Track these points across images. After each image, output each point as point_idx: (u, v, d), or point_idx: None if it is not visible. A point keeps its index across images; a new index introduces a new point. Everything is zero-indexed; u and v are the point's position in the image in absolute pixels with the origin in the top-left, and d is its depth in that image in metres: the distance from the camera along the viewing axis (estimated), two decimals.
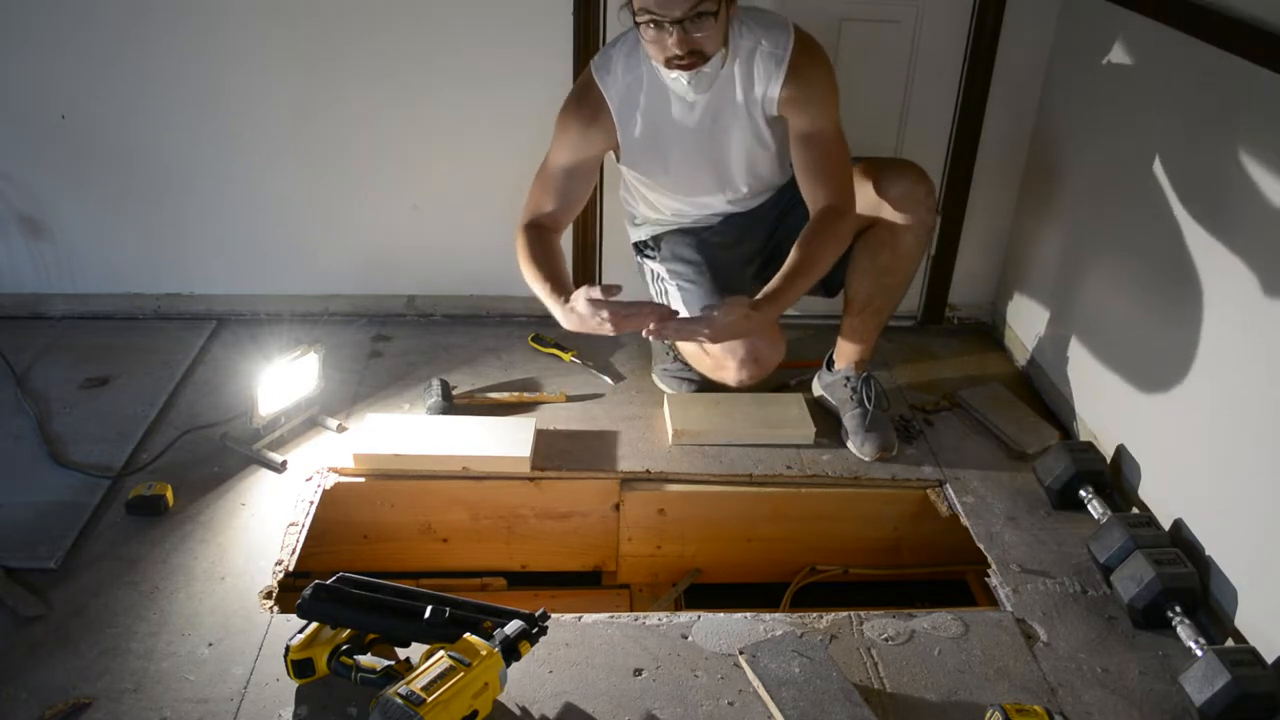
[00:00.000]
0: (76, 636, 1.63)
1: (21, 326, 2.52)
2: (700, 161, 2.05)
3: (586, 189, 2.06)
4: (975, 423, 2.27)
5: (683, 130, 1.99)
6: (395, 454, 2.04)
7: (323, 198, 2.52)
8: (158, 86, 2.36)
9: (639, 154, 2.03)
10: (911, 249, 2.06)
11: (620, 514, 2.10)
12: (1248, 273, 1.71)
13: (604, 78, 1.95)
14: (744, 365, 2.00)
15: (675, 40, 1.79)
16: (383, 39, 2.35)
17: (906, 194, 1.99)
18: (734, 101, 1.96)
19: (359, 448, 2.06)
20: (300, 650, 1.52)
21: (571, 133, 1.98)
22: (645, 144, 2.01)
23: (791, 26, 1.92)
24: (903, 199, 1.99)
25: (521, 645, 1.50)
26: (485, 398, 2.29)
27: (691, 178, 2.08)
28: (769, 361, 2.02)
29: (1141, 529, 1.81)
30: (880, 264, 2.06)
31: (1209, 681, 1.54)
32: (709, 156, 2.04)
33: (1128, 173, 2.08)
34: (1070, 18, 2.33)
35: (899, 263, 2.07)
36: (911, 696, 1.60)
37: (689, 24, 1.77)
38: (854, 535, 2.14)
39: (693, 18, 1.76)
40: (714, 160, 2.05)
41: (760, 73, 1.92)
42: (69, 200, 2.48)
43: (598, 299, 1.81)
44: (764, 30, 1.91)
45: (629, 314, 1.81)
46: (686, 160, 2.04)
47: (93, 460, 2.03)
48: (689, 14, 1.76)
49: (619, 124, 1.98)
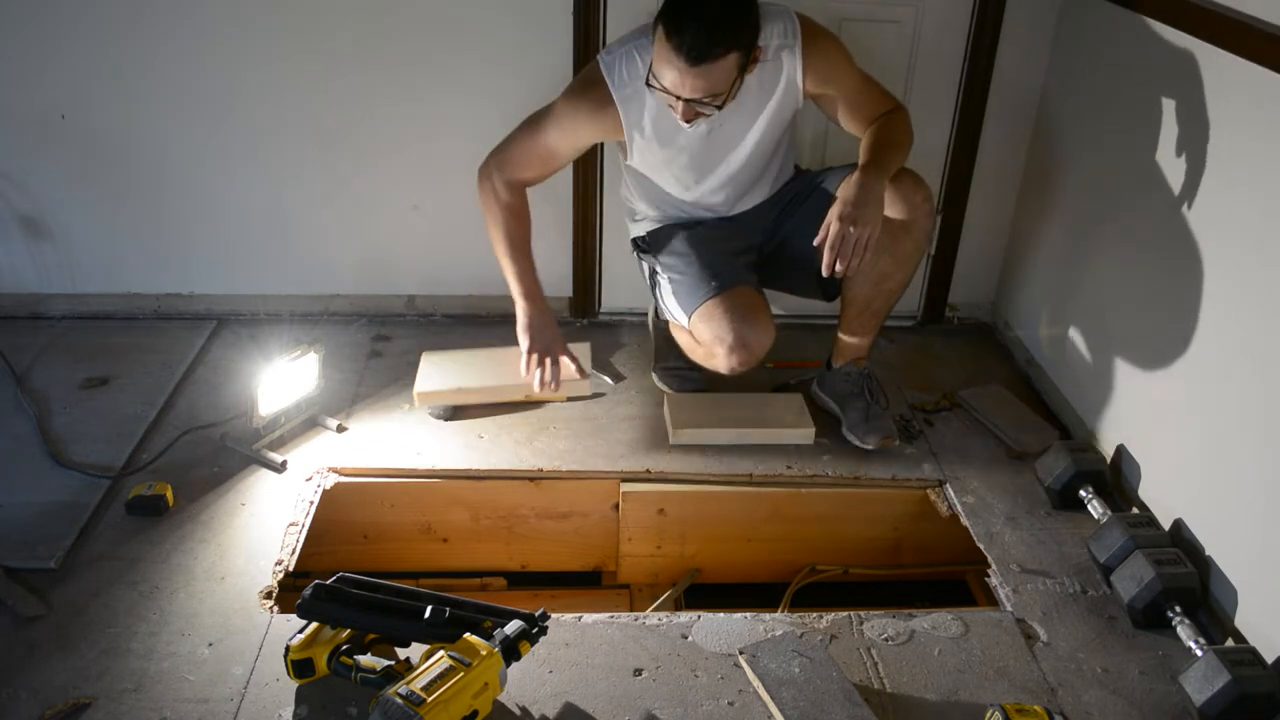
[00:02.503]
0: (76, 636, 1.63)
1: (21, 326, 2.52)
2: (705, 163, 2.05)
3: (571, 160, 2.11)
4: (975, 423, 2.27)
5: (690, 135, 1.99)
6: (458, 388, 2.08)
7: (323, 198, 2.52)
8: (158, 86, 2.36)
9: (645, 153, 2.04)
10: (910, 254, 2.06)
11: (620, 514, 2.10)
12: (1248, 273, 1.71)
13: (612, 77, 1.94)
14: (733, 351, 2.00)
15: (682, 111, 1.82)
16: (383, 38, 2.35)
17: (904, 200, 1.99)
18: (747, 105, 1.96)
19: (422, 386, 2.09)
20: (300, 650, 1.52)
21: (578, 120, 1.98)
22: (652, 144, 2.01)
23: (791, 11, 1.93)
24: (900, 205, 1.99)
25: (521, 645, 1.50)
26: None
27: (696, 177, 2.08)
28: (757, 346, 2.01)
29: (1141, 529, 1.81)
30: (879, 269, 2.06)
31: (1209, 681, 1.54)
32: (715, 158, 2.05)
33: (1128, 172, 2.08)
34: (1070, 17, 2.33)
35: (897, 267, 2.07)
36: (911, 696, 1.60)
37: (699, 104, 1.80)
38: (854, 535, 2.14)
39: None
40: (720, 161, 2.05)
41: (774, 68, 1.93)
42: (69, 200, 2.48)
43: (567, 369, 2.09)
44: (769, 25, 1.89)
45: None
46: (693, 163, 2.05)
47: (93, 460, 2.03)
48: (695, 100, 1.78)
49: (626, 123, 1.97)
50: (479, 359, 2.19)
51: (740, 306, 2.02)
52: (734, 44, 1.74)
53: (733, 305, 2.01)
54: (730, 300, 2.02)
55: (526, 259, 2.11)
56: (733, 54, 1.74)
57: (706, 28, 1.71)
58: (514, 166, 2.05)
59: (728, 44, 1.73)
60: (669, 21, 1.73)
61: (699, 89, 1.76)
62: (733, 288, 2.04)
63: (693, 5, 1.73)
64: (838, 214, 1.82)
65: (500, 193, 2.06)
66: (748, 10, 1.77)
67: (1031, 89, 2.45)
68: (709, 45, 1.71)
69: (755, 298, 2.07)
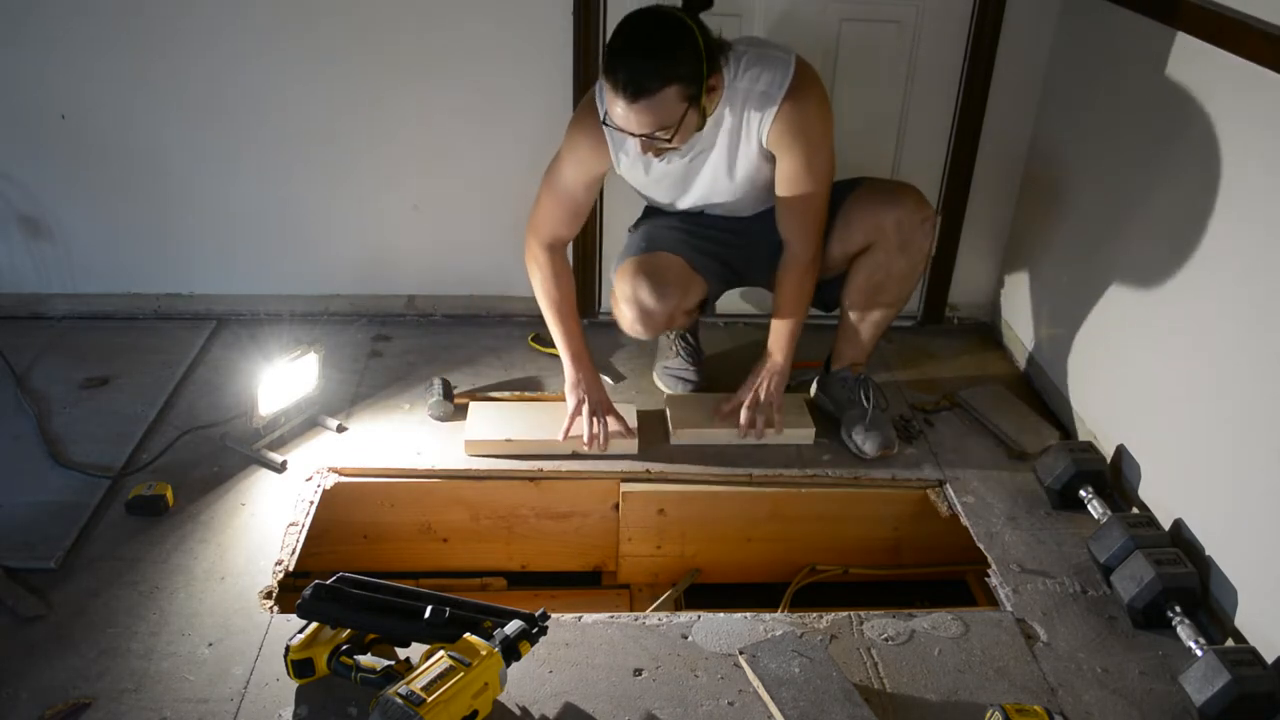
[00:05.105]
0: (77, 636, 1.63)
1: (21, 326, 2.52)
2: (688, 189, 2.06)
3: (594, 196, 2.08)
4: (975, 423, 2.27)
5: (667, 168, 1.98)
6: (508, 439, 2.08)
7: (323, 198, 2.52)
8: (158, 86, 2.37)
9: (631, 173, 2.04)
10: (907, 274, 2.06)
11: (620, 514, 2.10)
12: (1248, 273, 1.71)
13: (601, 102, 1.91)
14: (629, 305, 2.05)
15: (638, 145, 1.82)
16: (382, 38, 2.35)
17: (904, 220, 1.99)
18: (723, 141, 1.94)
19: (471, 435, 2.09)
20: (300, 650, 1.52)
21: (581, 150, 1.98)
22: (637, 168, 2.01)
23: (793, 65, 1.86)
24: (900, 225, 2.00)
25: (521, 645, 1.50)
26: (486, 397, 2.28)
27: (678, 199, 2.10)
28: (651, 306, 2.03)
29: (1141, 529, 1.81)
30: (875, 283, 2.07)
31: (1209, 681, 1.54)
32: (700, 186, 2.04)
33: (1128, 172, 2.08)
34: (1070, 17, 2.33)
35: (895, 285, 2.07)
36: (911, 696, 1.60)
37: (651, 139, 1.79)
38: (854, 535, 2.14)
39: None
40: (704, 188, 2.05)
41: (752, 112, 1.89)
42: (69, 200, 2.48)
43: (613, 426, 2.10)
44: (762, 68, 1.86)
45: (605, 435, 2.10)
46: (676, 186, 2.06)
47: (93, 460, 2.03)
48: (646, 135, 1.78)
49: (612, 148, 1.97)
50: (528, 411, 2.19)
51: (649, 266, 2.05)
52: (671, 77, 1.71)
53: (641, 264, 2.06)
54: (643, 261, 2.07)
55: (572, 321, 2.11)
56: (672, 87, 1.72)
57: (640, 63, 1.71)
58: (543, 224, 2.06)
59: (664, 77, 1.71)
60: (608, 60, 1.74)
61: (645, 124, 1.75)
62: (654, 252, 2.07)
63: (627, 42, 1.74)
64: (748, 407, 2.11)
65: (539, 257, 2.08)
66: (682, 43, 1.74)
67: (1032, 89, 2.45)
68: (645, 79, 1.70)
69: (670, 262, 2.08)
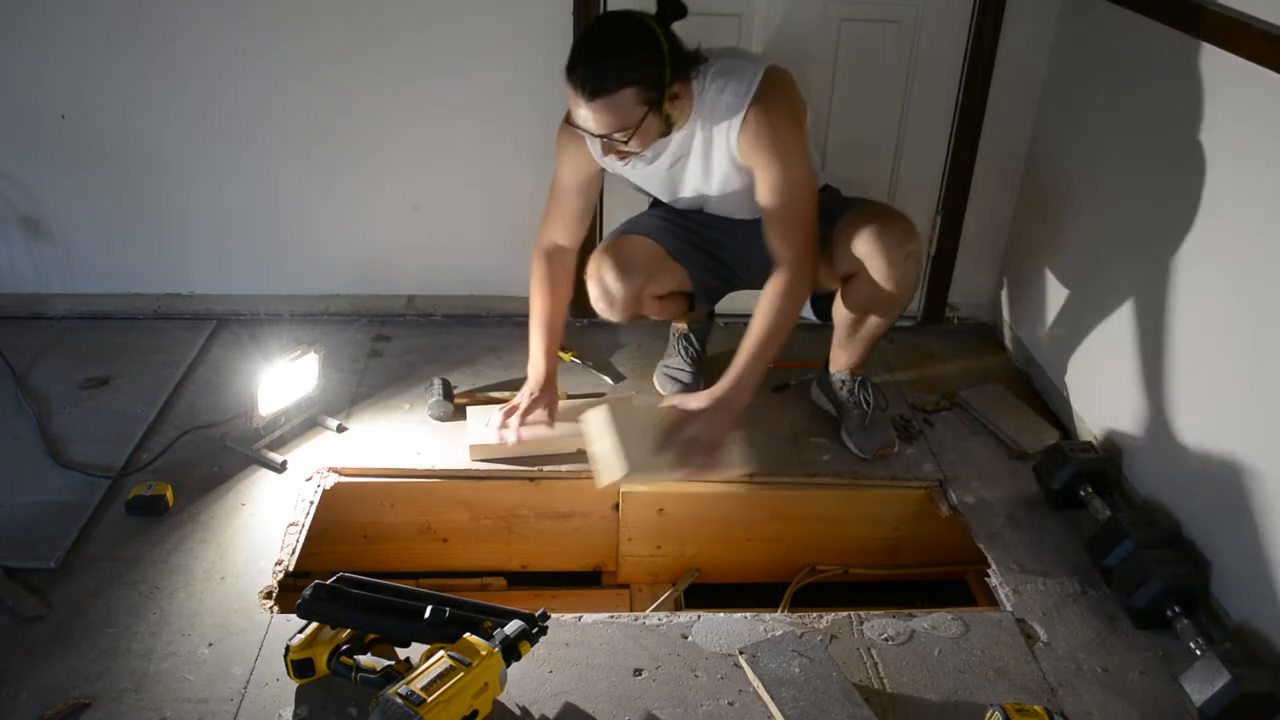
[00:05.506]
0: (77, 636, 1.63)
1: (21, 326, 2.52)
2: (673, 190, 2.06)
3: (592, 200, 2.07)
4: (975, 423, 2.27)
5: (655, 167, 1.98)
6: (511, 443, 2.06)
7: (322, 198, 2.52)
8: (158, 86, 2.36)
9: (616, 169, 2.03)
10: (895, 299, 2.02)
11: (620, 514, 2.10)
12: (1248, 272, 1.71)
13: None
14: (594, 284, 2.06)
15: (600, 147, 1.83)
16: (382, 38, 2.35)
17: (888, 255, 1.93)
18: (698, 150, 1.94)
19: (474, 439, 2.07)
20: (300, 650, 1.52)
21: (568, 151, 1.99)
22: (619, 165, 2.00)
23: (760, 74, 1.83)
24: (885, 260, 1.93)
25: (521, 645, 1.50)
26: (486, 397, 2.29)
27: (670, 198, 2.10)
28: (613, 287, 2.03)
29: (1141, 529, 1.81)
30: (862, 308, 2.07)
31: (1209, 681, 1.55)
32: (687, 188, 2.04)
33: (1128, 172, 2.08)
34: (1070, 17, 2.33)
35: (883, 309, 2.06)
36: (911, 696, 1.60)
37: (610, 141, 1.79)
38: (854, 535, 2.14)
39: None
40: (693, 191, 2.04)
41: (721, 123, 1.88)
42: (69, 200, 2.48)
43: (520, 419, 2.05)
44: (728, 79, 1.85)
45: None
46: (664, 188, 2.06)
47: (93, 460, 2.03)
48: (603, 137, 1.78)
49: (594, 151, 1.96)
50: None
51: (616, 248, 2.07)
52: (629, 78, 1.72)
53: (610, 246, 2.08)
54: (613, 244, 2.08)
55: (546, 333, 2.07)
56: (629, 89, 1.72)
57: (600, 62, 1.72)
58: (545, 229, 2.08)
59: (621, 78, 1.71)
60: (570, 59, 1.74)
61: (603, 124, 1.75)
62: (628, 235, 2.08)
63: (589, 42, 1.77)
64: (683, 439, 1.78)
65: (534, 263, 2.08)
66: (645, 46, 1.74)
67: (1032, 89, 2.45)
68: (601, 79, 1.71)
69: (641, 246, 2.08)
